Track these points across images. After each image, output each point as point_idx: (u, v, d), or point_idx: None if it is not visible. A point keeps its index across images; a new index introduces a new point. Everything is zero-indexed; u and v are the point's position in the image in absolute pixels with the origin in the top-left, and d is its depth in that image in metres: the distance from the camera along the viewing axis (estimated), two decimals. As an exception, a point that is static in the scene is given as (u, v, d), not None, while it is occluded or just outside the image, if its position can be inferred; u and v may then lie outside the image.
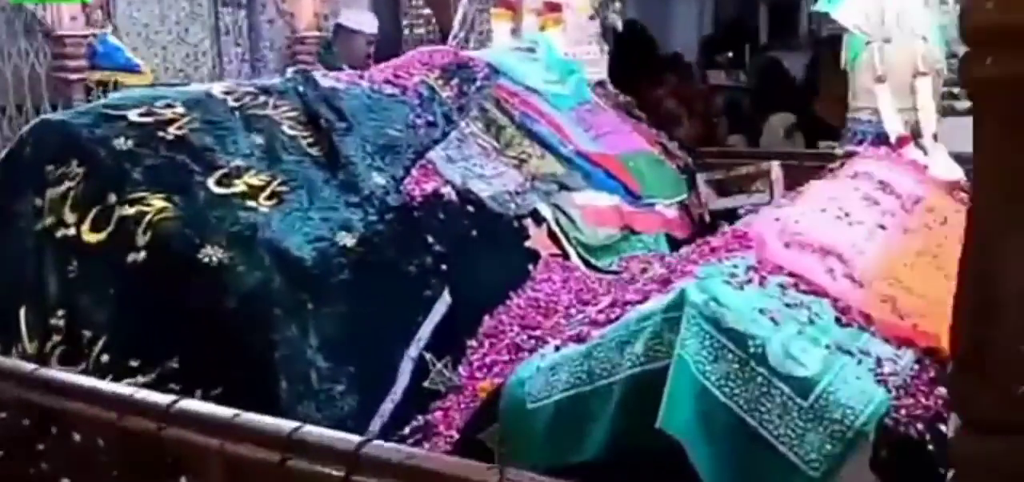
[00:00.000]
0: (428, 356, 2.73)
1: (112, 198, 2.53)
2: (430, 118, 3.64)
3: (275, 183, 2.78)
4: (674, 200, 4.41)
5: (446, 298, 2.85)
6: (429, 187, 3.29)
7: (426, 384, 2.67)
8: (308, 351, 2.39)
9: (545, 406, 2.09)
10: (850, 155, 4.21)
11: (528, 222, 3.53)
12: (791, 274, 2.14)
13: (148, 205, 2.50)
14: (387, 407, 2.51)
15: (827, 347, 1.91)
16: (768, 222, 2.44)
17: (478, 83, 4.08)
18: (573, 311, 3.12)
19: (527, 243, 3.45)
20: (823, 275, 2.21)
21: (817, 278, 2.17)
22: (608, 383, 1.99)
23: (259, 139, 2.93)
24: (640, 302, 2.08)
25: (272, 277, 2.46)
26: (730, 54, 11.48)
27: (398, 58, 4.22)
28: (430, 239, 2.99)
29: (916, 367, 2.03)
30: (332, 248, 2.67)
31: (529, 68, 4.47)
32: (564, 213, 3.71)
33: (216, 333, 2.36)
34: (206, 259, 2.43)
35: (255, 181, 2.74)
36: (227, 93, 3.07)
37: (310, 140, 3.09)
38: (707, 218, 4.67)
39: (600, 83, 5.10)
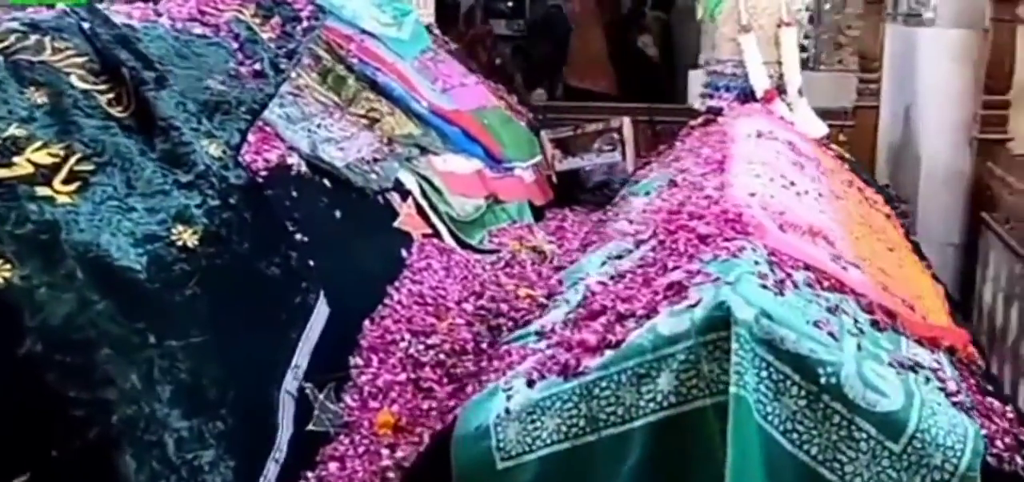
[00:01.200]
0: (308, 387, 2.06)
1: None
2: (256, 66, 2.86)
3: (73, 160, 1.95)
4: (530, 162, 3.95)
5: (323, 306, 2.17)
6: (272, 157, 2.57)
7: (311, 426, 2.01)
8: (158, 408, 1.65)
9: (525, 465, 1.53)
10: (715, 111, 3.95)
11: (394, 196, 2.90)
12: (807, 267, 1.72)
13: None
14: (271, 470, 1.83)
15: (891, 365, 1.51)
16: (744, 198, 2.01)
17: (304, 23, 3.31)
18: (467, 306, 2.56)
19: (396, 223, 2.82)
20: (833, 264, 1.81)
21: (832, 269, 1.77)
22: (621, 431, 1.47)
23: (40, 97, 2.06)
24: (644, 313, 1.57)
25: (91, 301, 1.68)
26: (510, 2, 11.18)
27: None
28: (290, 227, 2.29)
29: (959, 375, 1.70)
30: (169, 251, 1.90)
31: (358, 6, 3.77)
32: (429, 183, 3.11)
33: (14, 394, 1.56)
34: (-17, 281, 1.61)
35: (43, 158, 1.90)
36: (-21, 31, 2.16)
37: (110, 97, 2.25)
38: (554, 180, 4.26)
39: (427, 27, 4.49)
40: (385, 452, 2.00)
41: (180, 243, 1.93)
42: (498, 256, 3.04)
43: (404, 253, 2.72)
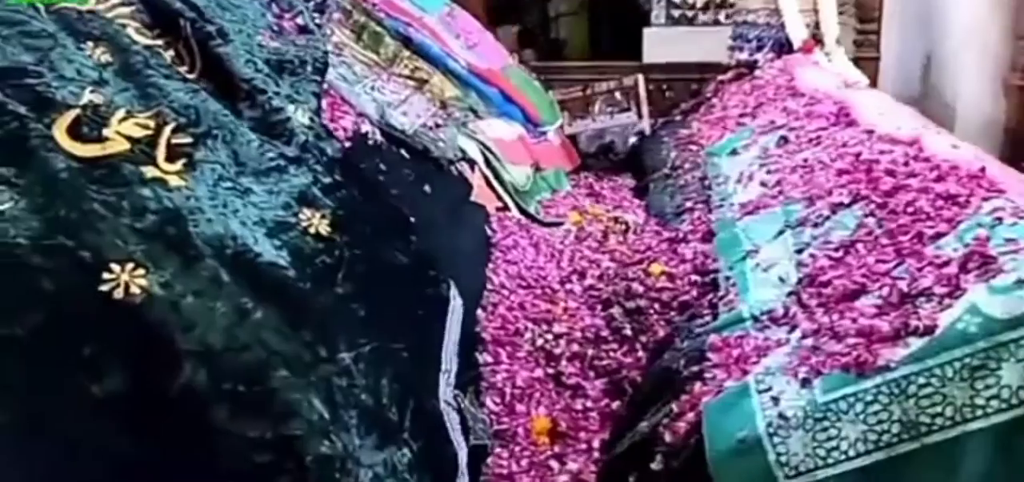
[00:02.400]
0: (457, 394, 1.73)
1: None
2: (299, 20, 2.47)
3: (167, 131, 1.54)
4: (556, 125, 3.65)
5: (457, 297, 1.84)
6: (347, 124, 2.20)
7: (474, 440, 1.68)
8: (348, 440, 1.30)
9: (825, 482, 1.27)
10: (748, 65, 3.75)
11: (463, 166, 2.56)
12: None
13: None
14: (464, 503, 1.50)
15: None
16: (949, 150, 1.78)
17: (322, -26, 2.92)
18: (574, 288, 2.27)
19: (473, 196, 2.49)
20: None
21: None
22: (952, 437, 1.22)
23: (103, 55, 1.65)
24: (944, 291, 1.32)
25: (248, 310, 1.31)
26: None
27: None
28: (403, 208, 1.94)
29: None
30: (305, 241, 1.54)
31: (364, -45, 3.37)
32: (489, 151, 2.77)
33: (174, 440, 1.18)
34: (116, 289, 1.21)
35: (133, 129, 1.50)
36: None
37: (172, 55, 1.85)
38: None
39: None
40: (555, 464, 1.71)
41: (313, 231, 1.57)
42: (565, 230, 2.74)
43: (488, 230, 2.39)
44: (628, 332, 1.99)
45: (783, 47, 3.67)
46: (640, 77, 4.18)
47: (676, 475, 1.41)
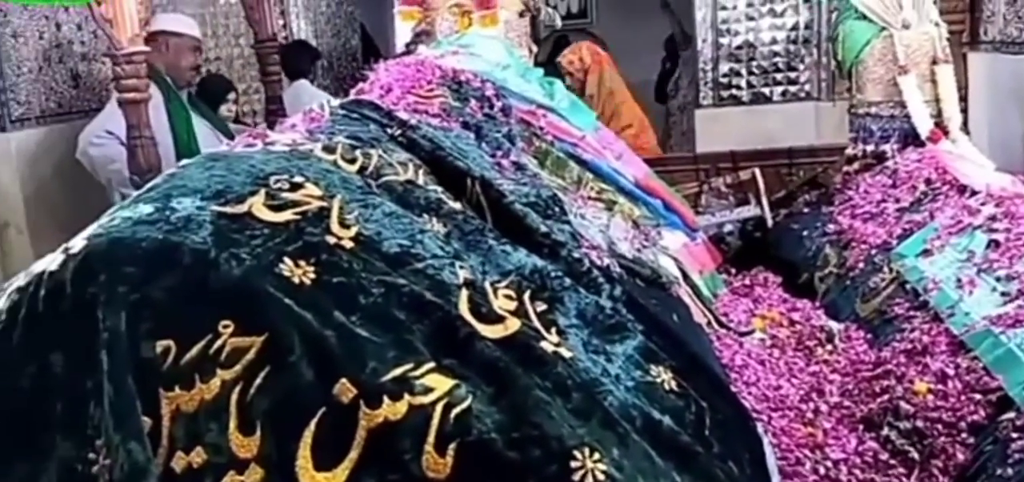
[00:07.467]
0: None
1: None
2: (513, 157, 2.56)
3: (527, 297, 1.60)
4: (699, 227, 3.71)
5: (765, 435, 1.88)
6: (594, 258, 2.25)
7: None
8: None
9: None
10: (877, 156, 3.85)
11: (676, 288, 2.61)
12: None
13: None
14: None
15: None
16: None
17: (493, 103, 3.01)
18: (821, 407, 2.30)
19: (695, 316, 2.54)
20: None
21: None
22: None
23: (438, 225, 1.71)
24: None
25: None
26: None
27: (377, 76, 2.96)
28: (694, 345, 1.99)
29: None
30: (671, 398, 1.58)
31: (513, 79, 3.46)
32: (681, 267, 2.84)
33: None
34: (586, 478, 1.25)
35: (507, 302, 1.55)
36: (328, 151, 1.79)
37: (469, 211, 1.90)
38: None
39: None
40: None
41: (667, 388, 1.61)
42: (759, 339, 2.78)
43: (716, 347, 2.44)
44: (914, 455, 2.01)
45: (908, 137, 3.77)
46: (757, 169, 4.29)
47: None
